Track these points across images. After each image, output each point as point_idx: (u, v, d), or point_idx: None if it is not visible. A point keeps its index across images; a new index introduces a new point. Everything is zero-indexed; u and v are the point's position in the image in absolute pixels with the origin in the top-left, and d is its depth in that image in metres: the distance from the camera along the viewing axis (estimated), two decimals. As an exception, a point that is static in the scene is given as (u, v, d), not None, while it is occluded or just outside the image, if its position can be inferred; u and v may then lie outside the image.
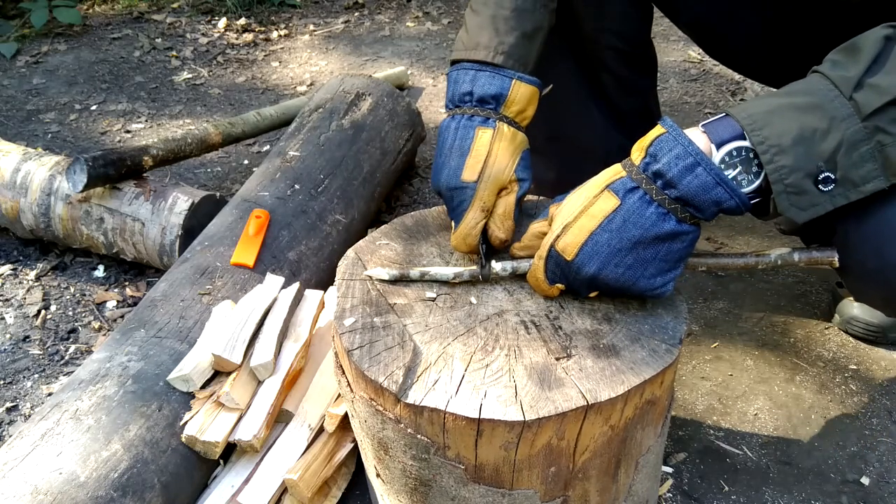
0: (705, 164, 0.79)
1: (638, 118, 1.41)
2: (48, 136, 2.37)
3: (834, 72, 0.79)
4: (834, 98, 0.78)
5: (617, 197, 0.83)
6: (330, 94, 1.87)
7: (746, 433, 1.32)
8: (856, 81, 0.78)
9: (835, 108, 0.78)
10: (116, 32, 3.10)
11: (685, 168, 0.79)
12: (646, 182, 0.82)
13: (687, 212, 0.81)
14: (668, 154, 0.80)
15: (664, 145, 0.81)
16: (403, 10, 3.24)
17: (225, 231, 1.46)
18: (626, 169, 0.84)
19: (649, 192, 0.81)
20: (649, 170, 0.82)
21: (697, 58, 2.67)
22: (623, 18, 1.29)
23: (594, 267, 0.83)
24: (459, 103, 1.00)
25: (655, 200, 0.81)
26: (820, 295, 1.61)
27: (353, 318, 0.90)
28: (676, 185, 0.80)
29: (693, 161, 0.79)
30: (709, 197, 0.79)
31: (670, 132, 0.81)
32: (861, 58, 0.79)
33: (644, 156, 0.83)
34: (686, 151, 0.79)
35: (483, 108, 0.98)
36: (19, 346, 1.59)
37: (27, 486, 0.98)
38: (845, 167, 0.78)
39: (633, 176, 0.83)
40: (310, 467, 1.11)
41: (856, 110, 0.77)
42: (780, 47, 1.21)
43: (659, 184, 0.81)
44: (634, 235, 0.82)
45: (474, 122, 0.97)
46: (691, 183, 0.79)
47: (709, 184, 0.79)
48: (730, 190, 0.79)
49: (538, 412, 0.77)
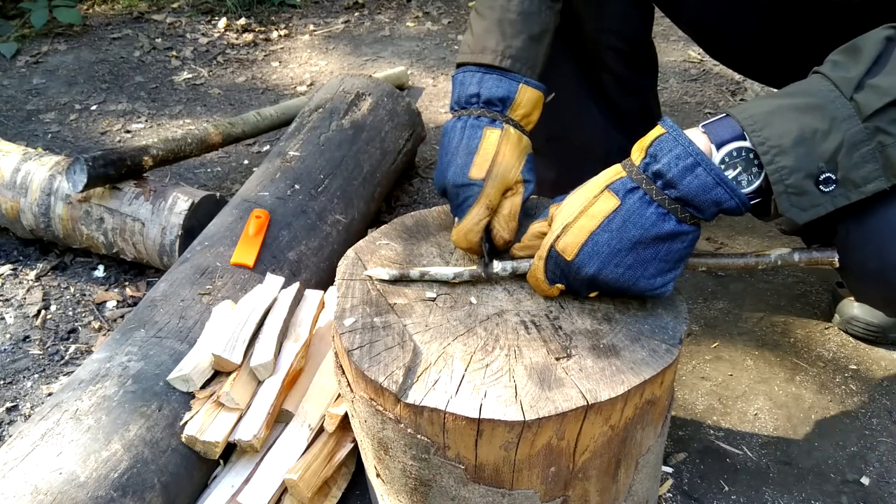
0: (705, 164, 0.79)
1: (638, 118, 1.41)
2: (48, 136, 2.37)
3: (835, 72, 0.79)
4: (835, 99, 0.78)
5: (617, 197, 0.83)
6: (330, 94, 1.87)
7: (746, 433, 1.32)
8: (856, 82, 0.78)
9: (836, 109, 0.78)
10: (116, 32, 3.10)
11: (685, 168, 0.79)
12: (646, 182, 0.82)
13: (687, 212, 0.81)
14: (669, 154, 0.80)
15: (664, 145, 0.81)
16: (403, 10, 3.24)
17: (225, 231, 1.46)
18: (626, 169, 0.85)
19: (649, 193, 0.82)
20: (649, 170, 0.82)
21: (697, 58, 2.67)
22: (624, 19, 1.29)
23: (594, 267, 0.84)
24: (466, 105, 1.00)
25: (655, 200, 0.81)
26: (820, 295, 1.61)
27: (353, 318, 0.90)
28: (676, 186, 0.80)
29: (693, 161, 0.79)
30: (709, 197, 0.79)
31: (670, 132, 0.81)
32: (862, 58, 0.79)
33: (644, 156, 0.83)
34: (686, 152, 0.79)
35: (490, 110, 0.98)
36: (19, 346, 1.59)
37: (27, 486, 0.98)
38: (846, 168, 0.78)
39: (634, 176, 0.83)
40: (310, 467, 1.11)
41: (857, 111, 0.77)
42: (780, 47, 1.21)
43: (659, 184, 0.81)
44: (634, 235, 0.82)
45: (482, 123, 0.97)
46: (691, 183, 0.79)
47: (709, 184, 0.79)
48: (730, 190, 0.79)
49: (538, 412, 0.77)
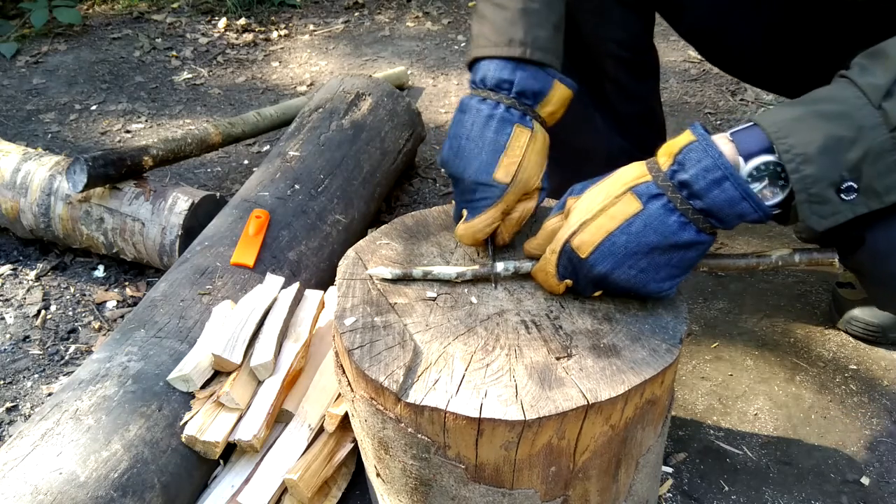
0: (733, 178, 0.77)
1: (641, 122, 1.40)
2: (48, 136, 2.37)
3: (863, 78, 0.77)
4: (862, 106, 0.76)
5: (640, 201, 0.81)
6: (330, 94, 1.87)
7: (746, 433, 1.32)
8: (886, 90, 0.75)
9: (863, 117, 0.76)
10: (116, 32, 3.10)
11: (713, 181, 0.78)
12: (671, 190, 0.80)
13: (708, 223, 0.80)
14: (697, 165, 0.79)
15: (693, 155, 0.79)
16: (403, 10, 3.24)
17: (225, 231, 1.46)
18: (651, 173, 0.83)
19: (673, 201, 0.80)
20: (676, 178, 0.80)
21: (697, 58, 2.67)
22: (623, 26, 1.27)
23: (607, 267, 0.83)
24: (495, 88, 0.94)
25: (679, 210, 0.80)
26: (820, 295, 1.61)
27: (354, 318, 0.90)
28: (702, 198, 0.79)
29: (722, 175, 0.78)
30: (734, 211, 0.78)
31: (700, 141, 0.80)
32: (890, 65, 0.77)
33: (672, 163, 0.81)
34: (715, 164, 0.78)
35: (521, 103, 0.94)
36: (19, 346, 1.59)
37: (27, 486, 0.98)
38: (870, 177, 0.77)
39: (659, 182, 0.81)
40: (310, 467, 1.11)
41: (884, 120, 0.75)
42: (779, 54, 1.21)
43: (684, 193, 0.80)
44: (652, 241, 0.81)
45: (513, 117, 0.93)
46: (718, 197, 0.78)
47: (735, 198, 0.78)
48: (755, 204, 0.78)
49: (539, 412, 0.77)
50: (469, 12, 3.19)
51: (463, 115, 0.95)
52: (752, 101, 2.41)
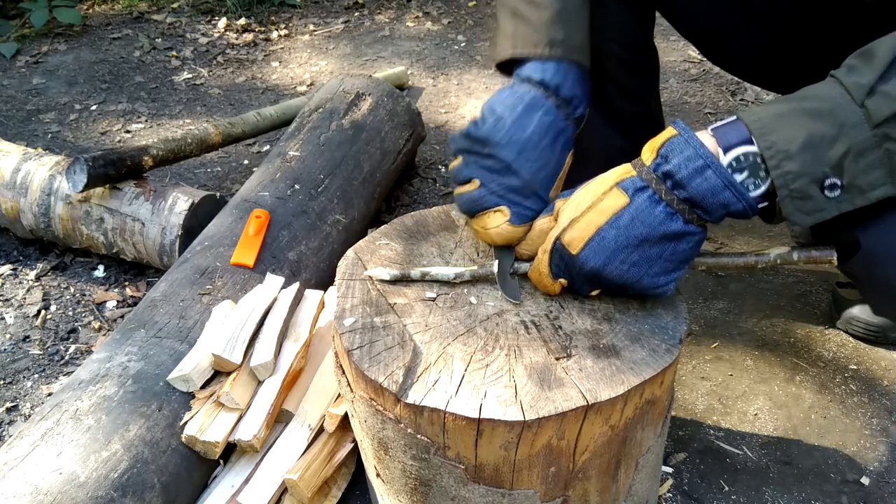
0: (715, 167, 0.79)
1: (641, 123, 1.40)
2: (48, 136, 2.37)
3: (849, 78, 0.79)
4: (846, 105, 0.77)
5: (626, 195, 0.83)
6: (330, 94, 1.87)
7: (746, 433, 1.32)
8: (868, 88, 0.77)
9: (845, 115, 0.77)
10: (116, 32, 3.10)
11: (695, 170, 0.80)
12: (655, 182, 0.82)
13: (695, 213, 0.82)
14: (679, 156, 0.81)
15: (675, 147, 0.81)
16: (403, 10, 3.24)
17: (225, 231, 1.46)
18: (636, 168, 0.85)
19: (658, 192, 0.82)
20: (659, 170, 0.82)
21: (697, 58, 2.67)
22: (624, 27, 1.27)
23: (599, 261, 0.84)
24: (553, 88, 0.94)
25: (664, 200, 0.82)
26: (820, 295, 1.61)
27: (353, 318, 0.90)
28: (686, 187, 0.80)
29: (703, 164, 0.79)
30: (717, 200, 0.80)
31: (682, 134, 0.82)
32: (876, 64, 0.78)
33: (655, 157, 0.83)
34: (697, 154, 0.80)
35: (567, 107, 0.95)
36: (19, 346, 1.59)
37: (27, 486, 0.98)
38: (852, 174, 0.78)
39: (644, 176, 0.83)
40: (310, 467, 1.11)
41: (867, 118, 0.76)
42: (782, 53, 1.21)
43: (668, 184, 0.82)
44: (641, 233, 0.82)
45: (568, 133, 0.95)
46: (700, 185, 0.80)
47: (717, 187, 0.79)
48: (738, 194, 0.79)
49: (538, 412, 0.77)
50: (469, 12, 3.19)
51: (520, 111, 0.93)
52: (753, 100, 2.41)
